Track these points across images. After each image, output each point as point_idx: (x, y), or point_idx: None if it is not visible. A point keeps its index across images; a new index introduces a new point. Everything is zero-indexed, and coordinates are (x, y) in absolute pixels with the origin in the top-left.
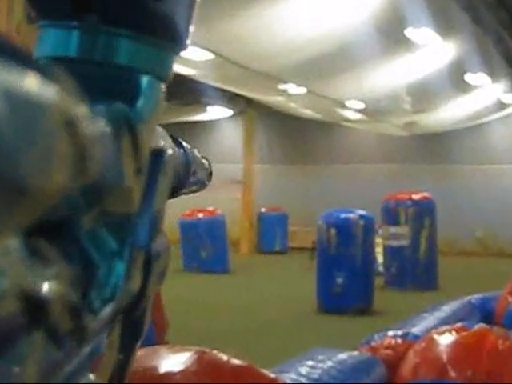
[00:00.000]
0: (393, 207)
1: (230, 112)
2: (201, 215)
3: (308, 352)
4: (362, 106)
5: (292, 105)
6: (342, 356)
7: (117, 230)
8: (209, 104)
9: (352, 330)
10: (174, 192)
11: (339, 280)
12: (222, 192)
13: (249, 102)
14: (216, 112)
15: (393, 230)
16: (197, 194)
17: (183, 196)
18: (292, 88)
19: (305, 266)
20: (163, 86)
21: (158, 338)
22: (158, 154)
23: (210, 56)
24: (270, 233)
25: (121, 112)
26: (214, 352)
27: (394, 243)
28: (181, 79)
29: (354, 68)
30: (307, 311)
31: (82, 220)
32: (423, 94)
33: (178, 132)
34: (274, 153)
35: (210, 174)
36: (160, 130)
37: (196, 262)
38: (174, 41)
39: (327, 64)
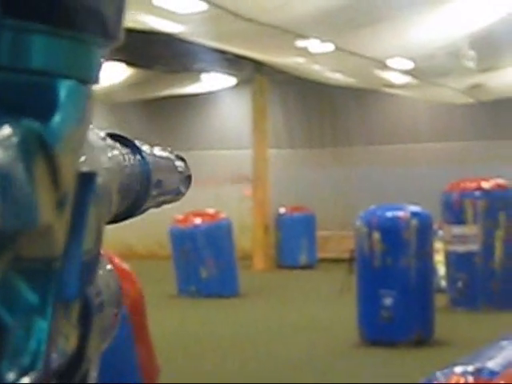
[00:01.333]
0: (456, 200)
1: (233, 81)
2: (199, 221)
3: None
4: (409, 65)
5: (315, 67)
6: None
7: (36, 279)
8: (204, 71)
9: (407, 367)
10: (132, 211)
11: (387, 301)
12: (225, 188)
13: (257, 66)
14: (214, 81)
15: (457, 230)
16: (193, 192)
17: None
18: (314, 45)
19: (341, 283)
20: (90, 90)
21: None
22: (87, 178)
23: (203, 6)
24: (293, 241)
25: (32, 131)
26: None
27: (460, 249)
28: (165, 39)
29: (398, 15)
30: (346, 344)
31: None
32: (491, 47)
33: (162, 110)
34: (294, 133)
35: (188, 178)
36: (100, 136)
37: (194, 283)
38: (100, 33)
39: (361, 11)
